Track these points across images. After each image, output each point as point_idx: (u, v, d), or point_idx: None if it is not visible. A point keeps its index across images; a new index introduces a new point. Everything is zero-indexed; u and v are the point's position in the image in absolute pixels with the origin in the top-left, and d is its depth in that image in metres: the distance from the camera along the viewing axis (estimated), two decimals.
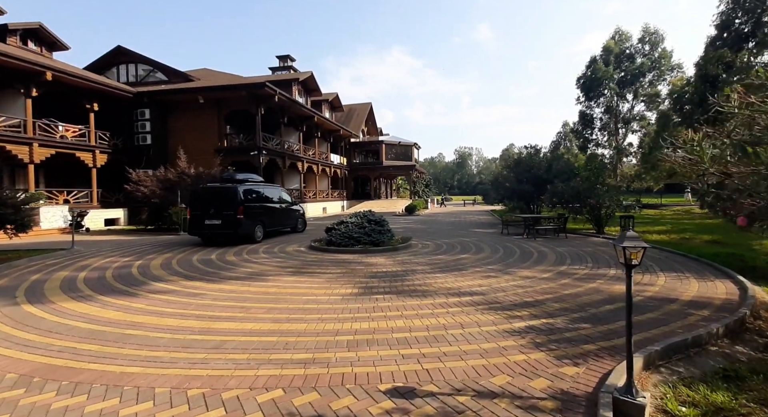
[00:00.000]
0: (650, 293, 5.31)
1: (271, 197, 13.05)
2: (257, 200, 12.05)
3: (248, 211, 11.15)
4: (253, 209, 11.56)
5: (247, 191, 11.62)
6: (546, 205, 14.20)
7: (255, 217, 11.57)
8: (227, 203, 10.89)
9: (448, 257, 8.64)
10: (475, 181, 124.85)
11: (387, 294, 5.44)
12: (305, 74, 26.51)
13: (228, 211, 10.80)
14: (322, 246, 9.85)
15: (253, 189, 12.08)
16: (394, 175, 45.78)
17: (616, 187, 13.79)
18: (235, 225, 10.77)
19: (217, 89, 19.05)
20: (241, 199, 10.96)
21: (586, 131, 48.37)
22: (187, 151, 19.04)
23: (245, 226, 11.00)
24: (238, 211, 10.75)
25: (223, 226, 10.84)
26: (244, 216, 10.93)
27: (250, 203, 11.45)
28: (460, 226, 17.09)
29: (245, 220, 10.95)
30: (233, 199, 10.92)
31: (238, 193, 11.04)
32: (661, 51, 42.97)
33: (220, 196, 11.21)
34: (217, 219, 10.88)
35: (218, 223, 10.86)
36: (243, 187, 11.42)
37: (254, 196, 11.95)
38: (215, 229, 10.94)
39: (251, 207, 11.42)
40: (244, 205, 10.97)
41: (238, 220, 10.74)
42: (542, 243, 10.87)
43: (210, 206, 11.04)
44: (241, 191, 11.19)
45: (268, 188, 13.35)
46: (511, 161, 18.22)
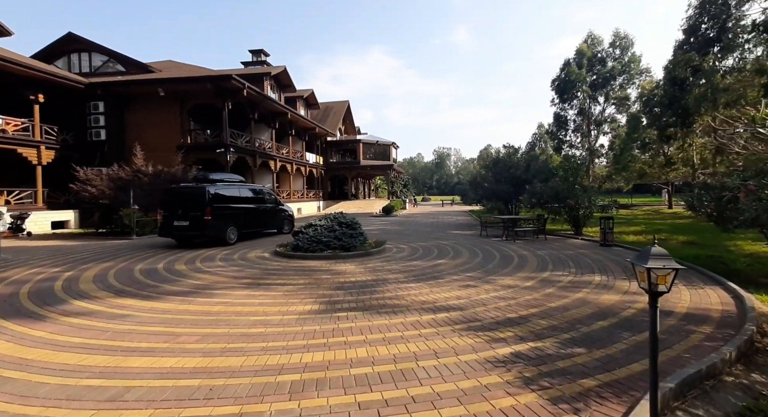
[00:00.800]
0: (642, 304, 4.82)
1: (250, 198, 12.54)
2: (231, 201, 11.53)
3: (218, 213, 10.75)
4: (225, 210, 11.13)
5: (218, 191, 11.14)
6: (525, 205, 13.86)
7: (227, 218, 11.15)
8: (195, 204, 10.50)
9: (424, 263, 7.99)
10: (454, 181, 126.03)
11: (352, 311, 4.70)
12: (278, 68, 25.34)
13: (195, 213, 10.43)
14: (288, 252, 8.99)
15: (226, 189, 11.61)
16: (372, 175, 45.04)
17: (593, 188, 13.60)
18: (202, 226, 10.38)
19: (178, 81, 17.70)
20: (208, 200, 10.50)
21: (561, 132, 49.32)
22: (146, 147, 17.65)
23: (214, 227, 10.62)
24: (205, 212, 10.33)
25: (190, 227, 10.48)
26: (213, 217, 10.51)
27: (221, 204, 11.01)
28: (437, 228, 16.56)
29: (214, 221, 10.55)
30: (201, 200, 10.49)
31: (206, 193, 10.58)
32: (630, 55, 44.25)
33: (188, 196, 10.82)
34: (185, 220, 10.53)
35: (186, 224, 10.51)
36: (213, 188, 10.99)
37: (227, 196, 11.47)
38: (183, 231, 10.60)
39: (222, 208, 10.99)
40: (212, 206, 10.53)
41: (205, 221, 10.33)
42: (522, 245, 10.43)
43: (179, 207, 10.74)
44: (210, 192, 10.74)
45: (247, 188, 12.76)
46: (490, 161, 17.88)
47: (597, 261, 7.93)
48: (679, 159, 26.81)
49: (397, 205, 29.06)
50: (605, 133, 47.07)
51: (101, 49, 19.67)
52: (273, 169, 23.79)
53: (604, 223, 10.03)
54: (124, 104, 18.83)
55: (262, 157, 22.02)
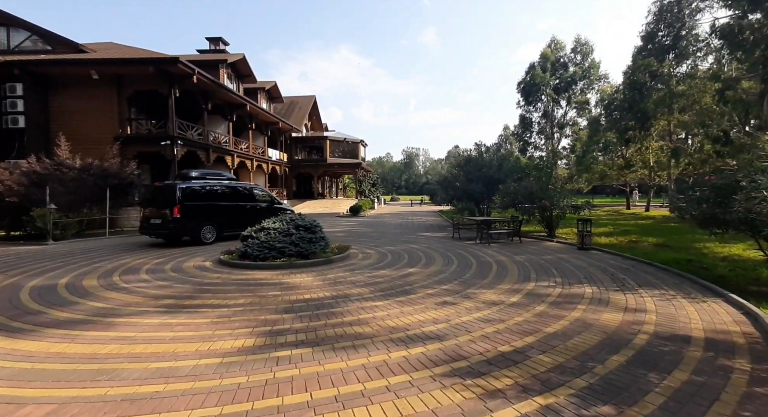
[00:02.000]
0: (651, 326, 4.05)
1: (235, 196, 12.03)
2: (208, 198, 11.20)
3: (190, 211, 10.56)
4: (200, 208, 10.87)
5: (192, 189, 10.88)
6: (498, 206, 13.24)
7: (202, 217, 10.92)
8: (166, 202, 10.44)
9: (393, 272, 6.95)
10: (422, 181, 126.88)
11: (299, 347, 3.54)
12: (236, 56, 23.37)
13: (165, 210, 10.38)
14: (234, 260, 7.62)
15: (204, 186, 11.23)
16: (339, 174, 43.60)
17: (565, 188, 13.22)
18: (170, 225, 10.30)
19: (114, 63, 15.48)
20: (178, 198, 10.34)
21: (526, 134, 50.45)
22: (76, 138, 15.45)
23: (185, 226, 10.52)
24: (173, 210, 10.23)
25: (161, 225, 10.49)
26: (184, 215, 10.37)
27: (195, 202, 10.77)
28: (407, 229, 15.64)
29: (184, 220, 10.41)
30: (170, 197, 10.38)
31: (176, 191, 10.44)
32: (590, 61, 45.96)
33: (162, 194, 10.80)
34: (158, 218, 10.54)
35: (159, 222, 10.54)
36: (185, 185, 10.78)
37: (204, 194, 11.13)
38: (156, 229, 10.64)
39: (196, 206, 10.76)
40: (182, 203, 10.37)
41: (174, 219, 10.24)
42: (498, 249, 9.68)
43: (154, 205, 10.83)
44: (182, 189, 10.58)
45: (233, 186, 12.18)
46: (461, 159, 17.22)
47: (580, 268, 7.26)
48: (638, 161, 27.75)
49: (365, 204, 27.95)
50: (567, 136, 48.69)
51: (21, 23, 16.90)
52: (230, 166, 21.83)
53: (582, 225, 9.50)
54: (48, 87, 16.27)
55: (216, 151, 20.07)
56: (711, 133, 19.85)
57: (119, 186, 12.95)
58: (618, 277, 6.44)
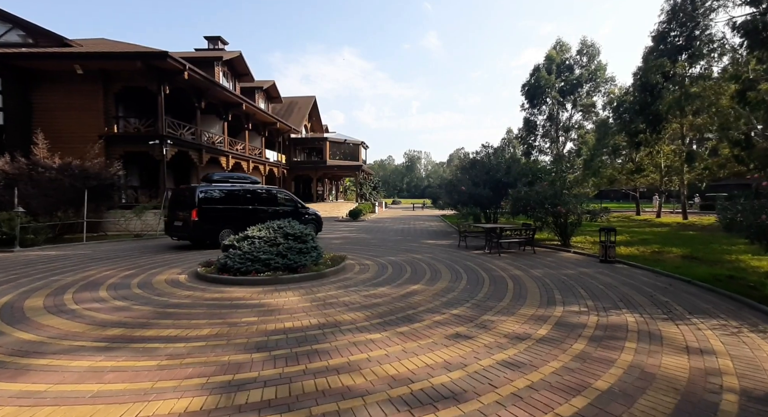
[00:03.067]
0: (733, 379, 3.07)
1: (256, 199, 11.81)
2: (228, 202, 11.09)
3: (209, 214, 10.54)
4: (219, 212, 10.82)
5: (211, 192, 10.82)
6: (507, 212, 12.27)
7: (221, 220, 10.85)
8: (186, 205, 10.51)
9: (394, 291, 5.97)
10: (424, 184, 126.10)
11: (264, 412, 2.57)
12: (232, 53, 22.54)
13: (185, 214, 10.41)
14: (211, 274, 6.65)
15: (224, 190, 11.11)
16: (340, 176, 42.70)
17: (583, 193, 12.27)
18: (189, 228, 10.35)
19: (99, 57, 14.61)
20: (196, 201, 10.31)
21: (530, 137, 49.45)
22: (60, 136, 14.65)
23: (203, 230, 10.50)
24: (191, 213, 10.21)
25: (182, 228, 10.57)
26: (201, 219, 10.33)
27: (214, 205, 10.74)
28: (409, 236, 14.67)
29: (202, 223, 10.38)
30: (190, 200, 10.42)
31: (195, 194, 10.43)
32: (597, 63, 45.08)
33: (182, 197, 10.96)
34: (180, 221, 10.67)
35: (180, 225, 10.65)
36: (205, 188, 10.76)
37: (223, 197, 11.03)
38: (178, 232, 10.71)
39: (214, 209, 10.72)
40: (200, 207, 10.34)
41: (193, 223, 10.21)
42: (510, 261, 8.70)
43: (177, 208, 10.95)
44: (201, 192, 10.55)
45: (254, 189, 11.94)
46: (467, 162, 16.27)
47: (611, 287, 6.27)
48: (649, 165, 26.77)
49: (365, 208, 27.00)
50: (572, 140, 47.72)
51: (2, 15, 16.08)
52: (224, 167, 20.92)
53: (606, 235, 8.50)
54: (30, 83, 15.40)
55: (210, 152, 19.16)
56: (732, 136, 18.81)
57: (98, 188, 12.03)
58: (659, 300, 5.45)
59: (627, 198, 59.04)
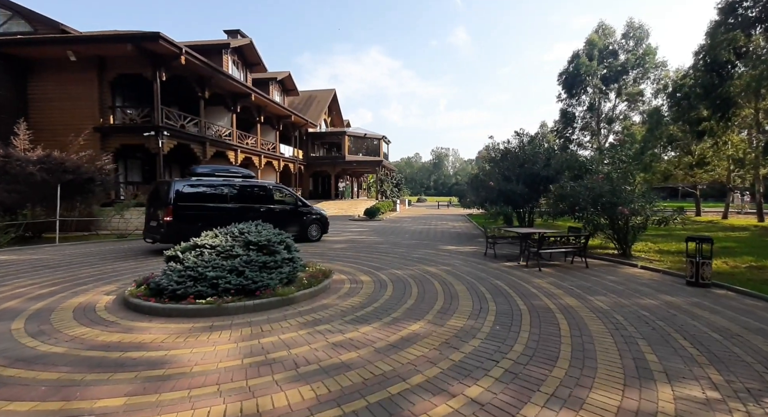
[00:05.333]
0: None
1: (249, 196, 10.36)
2: (213, 199, 9.66)
3: (187, 214, 9.04)
4: (200, 211, 9.29)
5: (191, 188, 9.33)
6: (548, 212, 9.87)
7: (202, 221, 8.89)
8: (161, 203, 9.10)
9: (382, 335, 3.93)
10: (452, 182, 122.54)
11: None
12: (242, 41, 21.19)
13: (160, 212, 9.03)
14: (135, 297, 4.87)
15: (208, 185, 9.65)
16: (360, 173, 40.95)
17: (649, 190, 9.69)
18: (162, 229, 8.83)
19: (89, 41, 13.48)
20: (172, 198, 8.88)
21: (567, 130, 45.53)
22: (53, 127, 13.87)
23: (178, 232, 8.47)
24: (166, 211, 8.78)
25: (156, 229, 9.15)
26: (178, 219, 8.84)
27: (194, 203, 9.28)
28: (427, 239, 12.53)
29: (178, 224, 8.81)
30: (165, 197, 9.01)
31: (172, 189, 8.98)
32: (645, 47, 40.52)
33: (159, 193, 9.54)
34: (155, 221, 9.33)
35: (154, 226, 9.30)
36: (183, 183, 9.28)
37: (207, 194, 9.57)
38: (152, 233, 9.30)
39: (195, 208, 9.25)
40: (176, 205, 8.90)
41: (167, 223, 8.75)
42: (557, 280, 6.40)
43: (153, 205, 9.66)
44: (178, 187, 9.08)
45: (246, 185, 10.39)
46: (497, 152, 13.85)
47: (733, 336, 3.90)
48: (714, 158, 22.96)
49: (384, 206, 25.02)
50: (617, 133, 43.27)
51: (2, 4, 15.38)
52: (233, 161, 19.62)
53: (697, 247, 6.02)
54: (26, 71, 14.60)
55: (215, 145, 17.86)
56: None
57: (74, 182, 10.79)
58: None
59: (676, 196, 53.29)
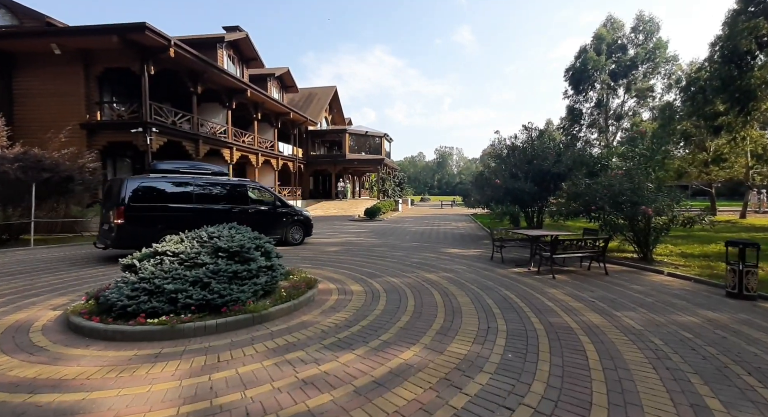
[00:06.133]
0: None
1: (217, 197, 9.32)
2: (175, 199, 8.58)
3: (143, 215, 8.03)
4: (159, 212, 8.27)
5: (150, 186, 8.27)
6: (559, 212, 9.05)
7: (161, 224, 8.17)
8: (112, 203, 8.05)
9: (365, 366, 3.15)
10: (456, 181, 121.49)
11: None
12: (237, 35, 20.51)
13: (111, 213, 7.97)
14: (80, 316, 4.14)
15: (169, 183, 8.58)
16: (362, 171, 40.20)
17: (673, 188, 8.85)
18: (113, 233, 7.79)
19: (73, 33, 12.81)
20: (124, 198, 7.82)
21: (574, 127, 44.41)
22: (39, 124, 13.36)
23: (132, 236, 7.78)
24: (117, 213, 7.75)
25: (107, 233, 8.11)
26: (131, 222, 7.85)
27: (152, 203, 8.22)
28: (429, 241, 11.74)
29: (132, 227, 7.84)
30: (116, 196, 7.97)
31: (124, 188, 7.93)
32: (656, 41, 39.28)
33: (111, 192, 8.44)
34: (107, 223, 8.27)
35: (106, 228, 8.25)
36: (139, 181, 8.21)
37: (168, 193, 8.51)
38: (104, 237, 8.24)
39: (153, 208, 8.20)
40: (129, 205, 7.85)
41: (118, 227, 7.72)
42: (574, 290, 5.59)
43: (105, 206, 8.68)
44: (133, 186, 8.01)
45: (213, 183, 9.35)
46: (504, 148, 13.00)
47: None
48: (731, 154, 21.92)
49: (385, 206, 24.25)
50: (625, 130, 42.04)
51: None
52: (228, 160, 18.96)
53: (740, 253, 5.18)
54: (11, 66, 14.01)
55: (209, 143, 17.18)
56: None
57: (51, 181, 10.14)
58: None
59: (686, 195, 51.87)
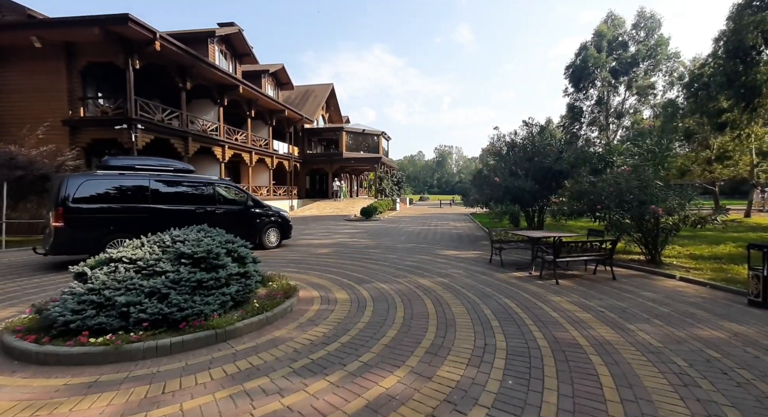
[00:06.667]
0: None
1: (176, 196, 8.36)
2: (126, 199, 7.66)
3: (87, 218, 7.19)
4: (107, 214, 7.40)
5: (95, 185, 7.35)
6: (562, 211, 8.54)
7: (110, 227, 7.37)
8: (51, 204, 7.18)
9: (337, 398, 2.63)
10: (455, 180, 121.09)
11: None
12: (229, 29, 19.95)
13: (49, 215, 7.16)
14: (12, 335, 3.62)
15: (120, 182, 7.66)
16: (359, 170, 39.67)
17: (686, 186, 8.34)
18: (51, 238, 6.99)
19: (53, 25, 12.27)
20: (64, 198, 6.95)
21: (574, 126, 43.89)
22: (20, 121, 12.76)
23: (74, 241, 7.08)
24: (56, 215, 6.93)
25: (47, 237, 7.29)
26: (73, 225, 7.02)
27: (99, 204, 7.34)
28: (425, 242, 11.23)
29: (74, 231, 7.04)
30: (55, 197, 7.09)
31: (64, 187, 7.05)
32: (657, 38, 38.74)
33: (51, 192, 7.51)
34: (47, 226, 7.40)
35: (47, 232, 7.39)
36: (83, 179, 7.29)
37: (118, 193, 7.60)
38: (44, 242, 7.50)
39: (99, 210, 7.33)
40: (69, 206, 6.98)
41: (56, 230, 6.93)
42: (580, 298, 5.08)
43: (48, 207, 7.64)
44: (74, 184, 7.11)
45: (177, 181, 8.45)
46: (503, 145, 12.49)
47: None
48: (736, 151, 21.45)
49: (382, 205, 23.73)
50: (627, 128, 41.52)
51: None
52: (220, 158, 18.44)
53: (764, 256, 4.67)
54: None
55: (199, 140, 16.66)
56: None
57: (25, 179, 9.62)
58: None
59: None
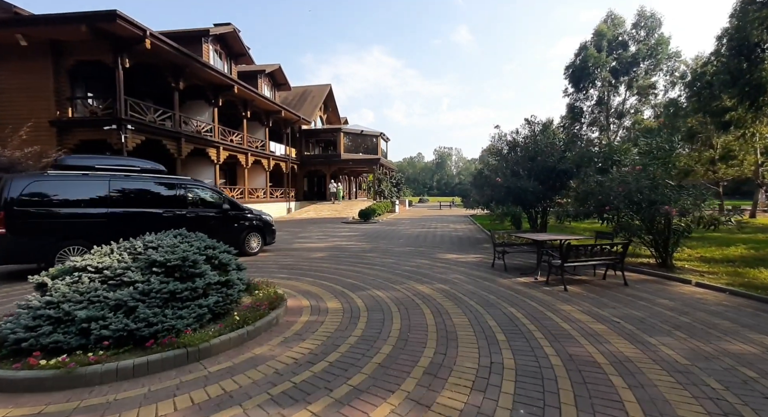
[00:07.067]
0: None
1: (147, 199, 7.69)
2: (84, 203, 6.96)
3: (37, 223, 6.58)
4: (60, 219, 6.75)
5: (48, 186, 6.72)
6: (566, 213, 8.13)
7: (63, 233, 6.76)
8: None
9: None
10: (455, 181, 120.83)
11: None
12: (224, 29, 19.57)
13: None
14: None
15: (78, 182, 6.99)
16: (357, 172, 39.27)
17: (699, 186, 7.94)
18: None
19: (39, 22, 11.86)
20: (7, 200, 6.32)
21: (575, 126, 43.49)
22: (10, 123, 12.37)
23: (21, 249, 6.49)
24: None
25: None
26: (17, 230, 6.40)
27: (54, 208, 6.71)
28: (424, 245, 10.81)
29: (18, 237, 6.42)
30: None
31: (7, 189, 6.39)
32: (658, 37, 38.50)
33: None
34: None
35: None
36: (31, 179, 6.64)
37: (75, 194, 6.92)
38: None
39: (50, 215, 6.70)
40: (13, 210, 6.35)
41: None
42: (593, 307, 4.66)
43: None
44: (19, 186, 6.45)
45: (143, 182, 7.71)
46: (505, 144, 12.10)
47: None
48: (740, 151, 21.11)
49: (381, 207, 23.31)
50: (628, 129, 41.20)
51: None
52: (214, 160, 18.03)
53: None
54: None
55: (192, 141, 16.25)
56: None
57: None
58: None
59: None
